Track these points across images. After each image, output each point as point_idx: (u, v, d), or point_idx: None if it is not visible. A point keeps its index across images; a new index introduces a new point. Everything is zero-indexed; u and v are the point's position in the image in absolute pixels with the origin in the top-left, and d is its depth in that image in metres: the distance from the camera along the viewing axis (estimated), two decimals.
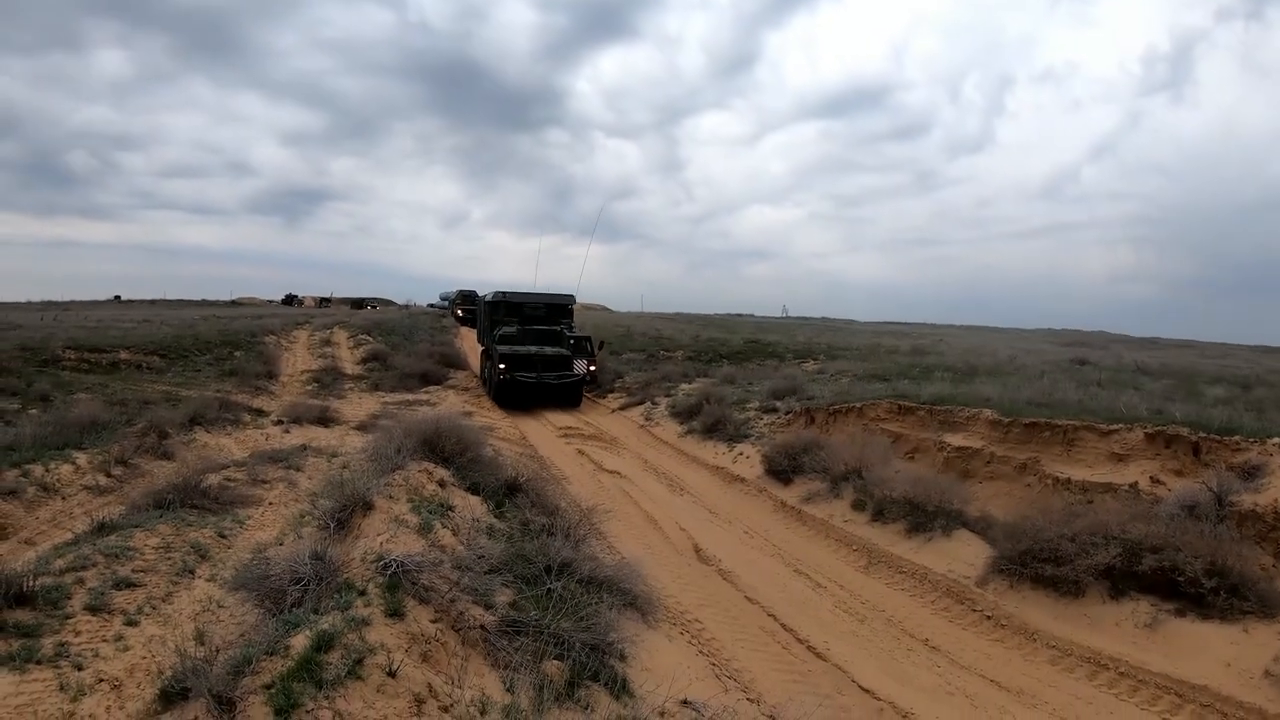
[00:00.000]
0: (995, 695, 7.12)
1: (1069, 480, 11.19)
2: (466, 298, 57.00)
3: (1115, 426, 11.55)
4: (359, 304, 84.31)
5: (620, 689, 5.65)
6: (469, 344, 37.06)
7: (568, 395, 24.73)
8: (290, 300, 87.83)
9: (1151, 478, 10.59)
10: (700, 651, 7.63)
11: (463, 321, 53.29)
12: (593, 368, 26.12)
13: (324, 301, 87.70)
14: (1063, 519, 9.28)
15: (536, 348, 24.78)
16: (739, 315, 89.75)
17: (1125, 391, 15.52)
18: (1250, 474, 9.76)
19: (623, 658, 6.19)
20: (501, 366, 23.88)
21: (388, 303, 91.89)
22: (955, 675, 7.49)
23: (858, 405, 16.27)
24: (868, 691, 7.07)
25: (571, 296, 28.88)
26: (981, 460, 12.93)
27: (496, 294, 27.97)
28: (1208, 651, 7.34)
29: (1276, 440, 9.96)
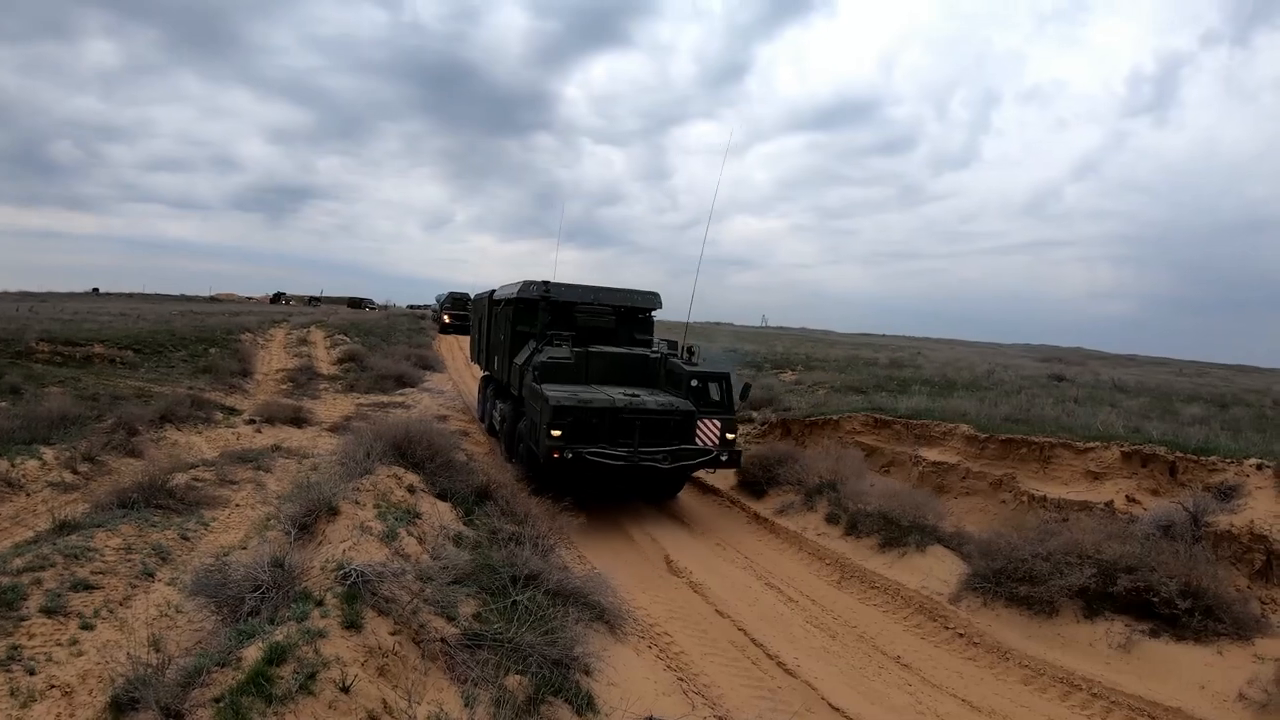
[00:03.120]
0: (967, 715, 7.04)
1: (1044, 498, 11.16)
2: (457, 301, 48.30)
3: (1091, 444, 11.54)
4: (356, 303, 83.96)
5: (584, 705, 5.55)
6: (450, 357, 36.31)
7: (671, 483, 14.09)
8: (279, 298, 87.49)
9: (1127, 496, 10.57)
10: (668, 666, 7.50)
11: (449, 329, 46.59)
12: (731, 435, 13.08)
13: (313, 301, 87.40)
14: (1037, 537, 9.24)
15: (622, 391, 12.90)
16: (718, 324, 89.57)
17: (1102, 409, 15.54)
18: (1226, 494, 9.74)
19: (588, 672, 6.10)
20: (554, 434, 11.68)
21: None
22: (927, 694, 7.41)
23: (834, 418, 16.17)
24: (837, 710, 6.97)
25: (654, 296, 16.06)
26: (957, 475, 12.89)
27: (527, 287, 15.13)
28: (1182, 673, 7.30)
29: (1253, 461, 9.95)
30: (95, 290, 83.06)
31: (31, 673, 5.45)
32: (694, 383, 12.86)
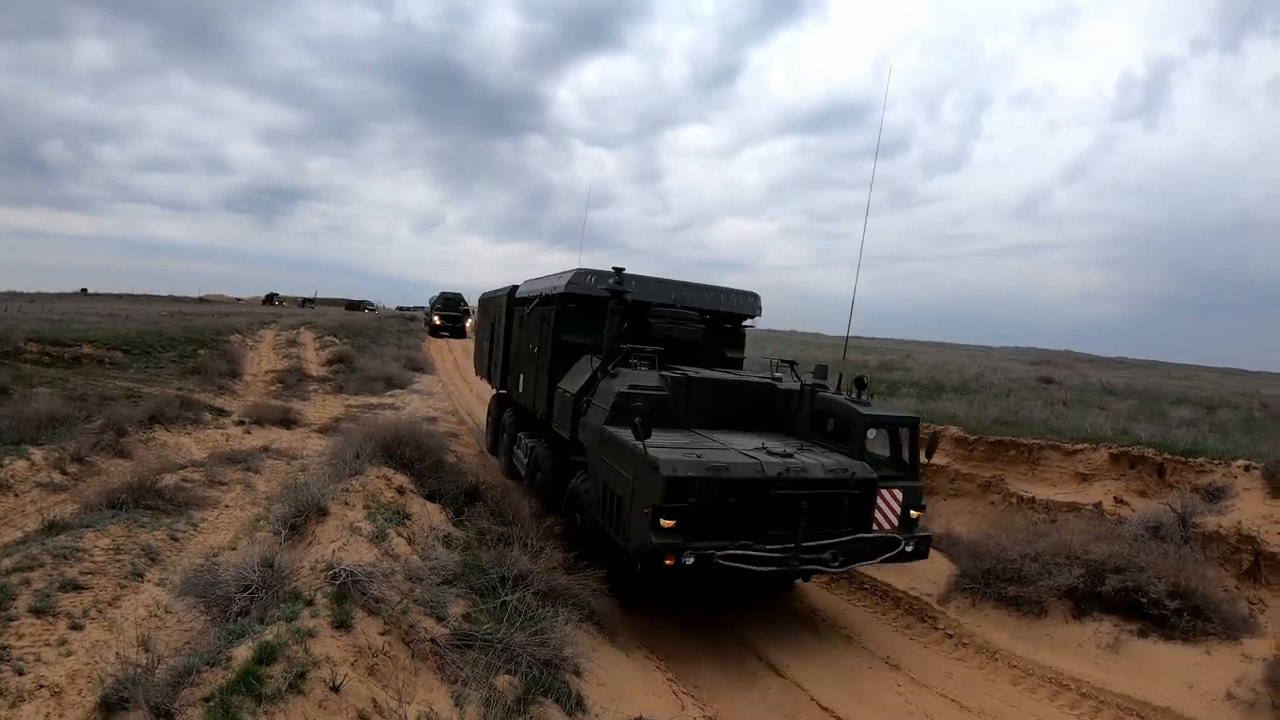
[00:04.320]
0: (956, 715, 7.06)
1: (1033, 499, 11.22)
2: (449, 301, 45.86)
3: (1080, 446, 11.60)
4: (355, 306, 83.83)
5: (574, 705, 5.55)
6: (440, 359, 35.81)
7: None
8: (271, 299, 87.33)
9: (1116, 498, 10.63)
10: (658, 666, 7.52)
11: (440, 332, 43.97)
12: (916, 514, 8.41)
13: (307, 302, 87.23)
14: (1026, 538, 9.30)
15: (757, 445, 8.23)
16: None
17: (1090, 411, 15.60)
18: (1214, 496, 9.81)
19: (578, 672, 6.09)
20: (666, 523, 6.98)
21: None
22: (916, 695, 7.42)
23: None
24: (827, 710, 6.99)
25: (754, 298, 12.19)
26: (946, 477, 12.93)
27: (581, 279, 10.90)
28: (1170, 673, 7.34)
29: (1241, 462, 10.01)
30: (84, 290, 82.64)
31: (20, 673, 5.43)
32: (872, 433, 8.37)
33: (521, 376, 13.10)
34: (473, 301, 46.12)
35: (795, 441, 8.76)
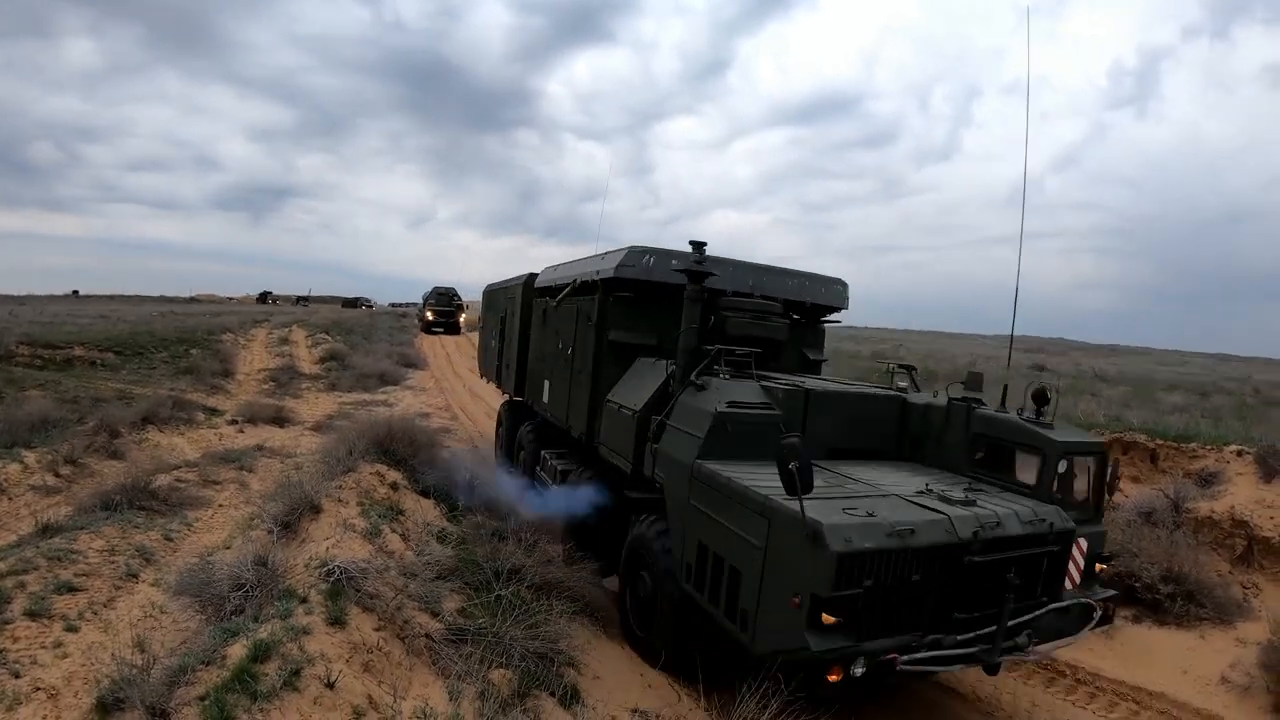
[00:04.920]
0: (950, 702, 7.07)
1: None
2: (442, 297, 44.74)
3: None
4: (352, 303, 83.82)
5: (570, 698, 5.55)
6: (432, 354, 35.47)
7: None
8: (265, 298, 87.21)
9: None
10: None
11: (434, 328, 42.99)
12: (1102, 567, 6.50)
13: (301, 300, 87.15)
14: None
15: (918, 487, 5.97)
16: None
17: (1083, 398, 15.63)
18: (1207, 481, 9.85)
19: (573, 665, 6.10)
20: (831, 618, 4.72)
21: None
22: (903, 680, 7.43)
23: None
24: None
25: (842, 287, 10.14)
26: None
27: (636, 259, 8.51)
28: (1164, 658, 7.38)
29: (1234, 448, 10.05)
30: (75, 292, 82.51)
31: (17, 675, 5.45)
32: (1063, 465, 6.27)
33: (547, 384, 10.88)
34: (468, 297, 45.99)
35: (951, 477, 6.64)
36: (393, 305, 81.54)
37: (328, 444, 10.95)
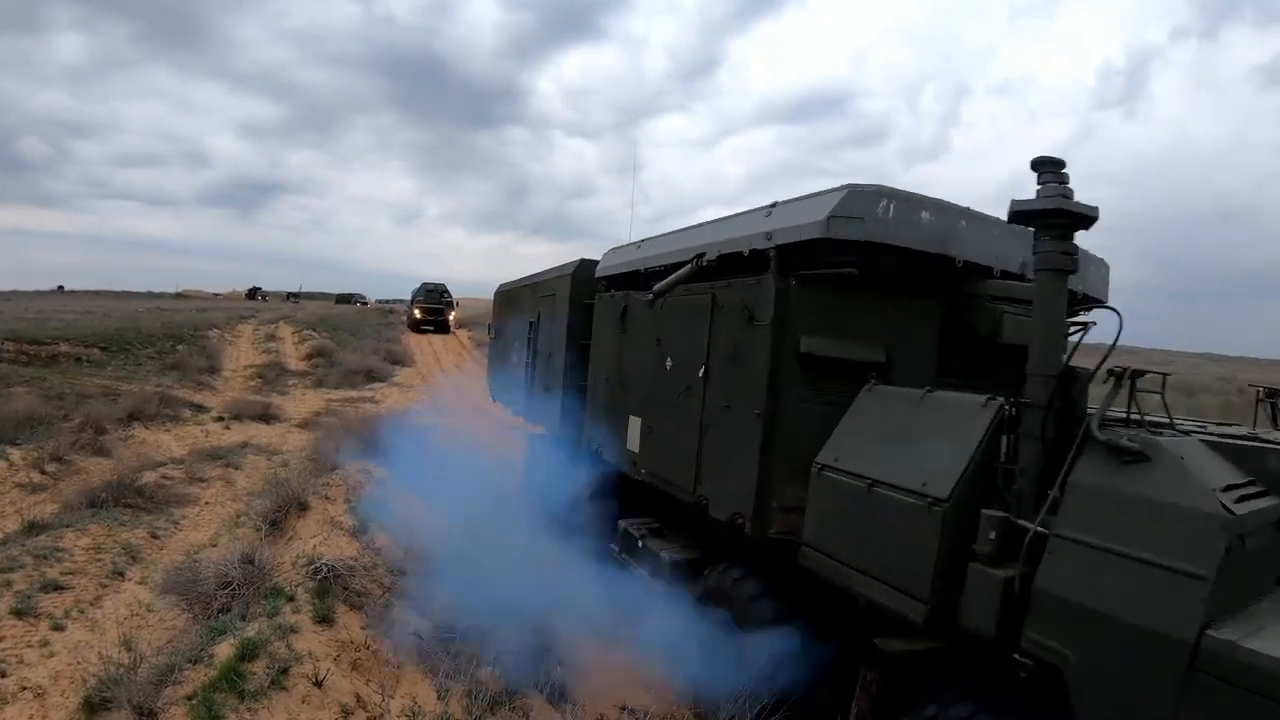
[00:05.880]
0: None
1: None
2: (431, 294, 42.92)
3: None
4: (345, 299, 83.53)
5: (558, 696, 5.56)
6: (419, 351, 34.82)
7: None
8: (254, 294, 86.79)
9: None
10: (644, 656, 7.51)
11: (423, 327, 40.92)
12: None
13: (292, 296, 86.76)
14: None
15: None
16: None
17: None
18: None
19: (562, 663, 6.11)
20: None
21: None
22: None
23: None
24: None
25: (1105, 268, 6.23)
26: None
27: (853, 202, 4.59)
28: None
29: None
30: (60, 288, 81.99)
31: (3, 675, 5.43)
32: None
33: (641, 426, 6.93)
34: (457, 294, 45.66)
35: None
36: (380, 302, 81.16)
37: (315, 441, 10.95)
